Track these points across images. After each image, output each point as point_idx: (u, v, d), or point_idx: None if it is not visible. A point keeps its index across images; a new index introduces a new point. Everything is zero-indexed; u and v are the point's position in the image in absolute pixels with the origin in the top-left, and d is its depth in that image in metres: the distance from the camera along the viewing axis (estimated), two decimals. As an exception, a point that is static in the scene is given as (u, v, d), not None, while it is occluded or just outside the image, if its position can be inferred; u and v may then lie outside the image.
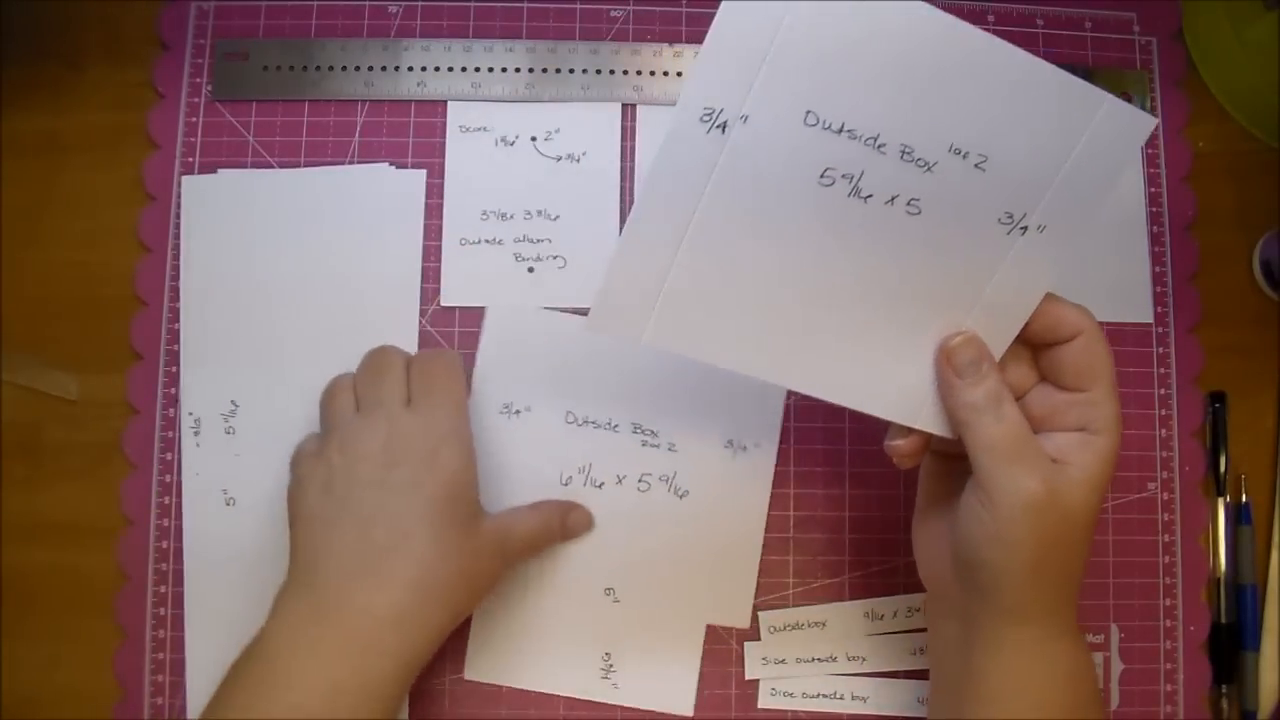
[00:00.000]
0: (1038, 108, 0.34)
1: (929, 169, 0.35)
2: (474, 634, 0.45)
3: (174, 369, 0.46)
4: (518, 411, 0.46)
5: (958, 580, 0.37)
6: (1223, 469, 0.48)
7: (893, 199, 0.35)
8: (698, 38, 0.49)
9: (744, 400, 0.46)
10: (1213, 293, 0.49)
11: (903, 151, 0.34)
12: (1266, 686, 0.47)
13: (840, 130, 0.34)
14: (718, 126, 0.34)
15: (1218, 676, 0.47)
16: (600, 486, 0.46)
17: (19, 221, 0.47)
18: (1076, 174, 0.35)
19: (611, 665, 0.45)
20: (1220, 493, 0.48)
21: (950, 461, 0.39)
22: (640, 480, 0.46)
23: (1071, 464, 0.35)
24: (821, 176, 0.34)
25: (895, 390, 0.37)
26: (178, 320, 0.46)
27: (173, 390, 0.46)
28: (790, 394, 0.47)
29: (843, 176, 0.34)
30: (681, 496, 0.46)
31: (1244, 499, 0.48)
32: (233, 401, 0.46)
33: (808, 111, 0.34)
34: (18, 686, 0.45)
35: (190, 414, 0.46)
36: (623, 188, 0.48)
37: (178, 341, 0.46)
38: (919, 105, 0.34)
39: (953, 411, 0.36)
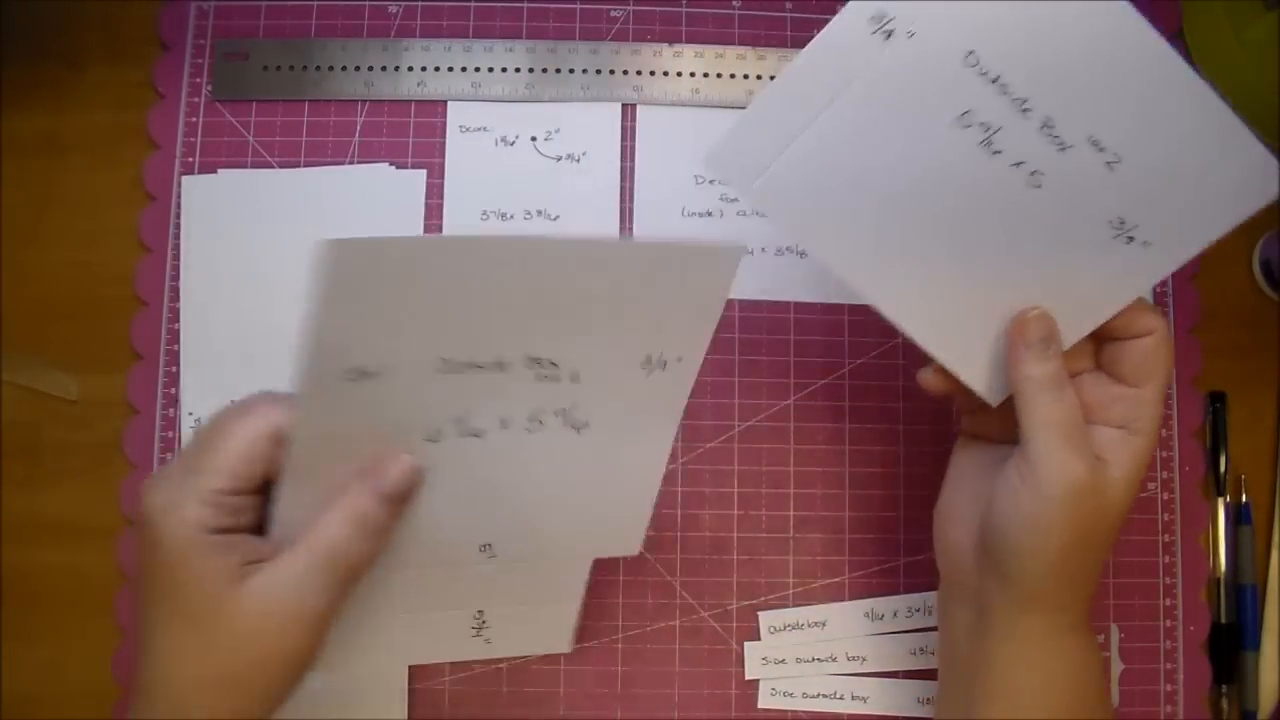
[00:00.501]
0: (1186, 129, 0.35)
1: (1064, 149, 0.35)
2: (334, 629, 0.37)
3: (174, 369, 0.46)
4: (371, 373, 0.34)
5: (978, 565, 0.37)
6: (1223, 469, 0.48)
7: (1019, 164, 0.35)
8: (698, 38, 0.49)
9: (674, 310, 0.35)
10: (1213, 293, 0.49)
11: (1044, 123, 0.35)
12: (1266, 686, 0.47)
13: (995, 80, 0.35)
14: (884, 31, 0.34)
15: (1218, 676, 0.47)
16: (479, 435, 0.36)
17: (19, 221, 0.47)
18: (1199, 204, 0.36)
19: (485, 622, 0.41)
20: (1220, 493, 0.48)
21: (983, 447, 0.39)
22: (530, 419, 0.37)
23: (1111, 461, 0.35)
24: (962, 116, 0.35)
25: (959, 338, 0.38)
26: (178, 320, 0.46)
27: (173, 390, 0.46)
28: (788, 374, 0.47)
29: (980, 124, 0.35)
30: (580, 429, 0.37)
31: (1244, 499, 0.48)
32: (233, 402, 0.46)
33: (970, 51, 0.34)
34: (18, 686, 0.45)
35: (190, 414, 0.46)
36: (622, 188, 0.48)
37: (178, 341, 0.46)
38: (1077, 86, 0.35)
39: (1014, 383, 0.36)
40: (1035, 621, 0.36)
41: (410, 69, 0.48)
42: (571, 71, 0.48)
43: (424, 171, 0.48)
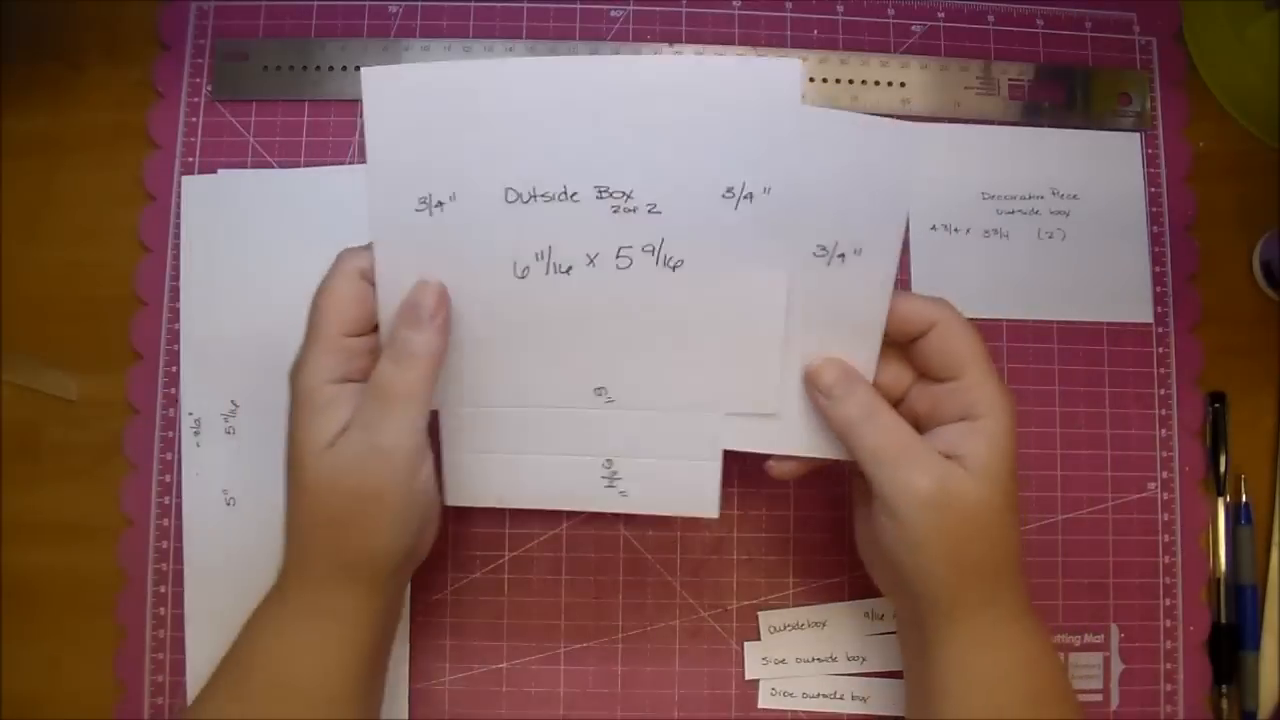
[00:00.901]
0: (814, 144, 0.35)
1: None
2: (446, 460, 0.40)
3: (174, 369, 0.46)
4: (440, 203, 0.35)
5: (898, 585, 0.38)
6: (1223, 469, 0.48)
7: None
8: (698, 38, 0.49)
9: (745, 133, 0.35)
10: (1213, 293, 0.49)
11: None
12: (1266, 686, 0.47)
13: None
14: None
15: (1218, 676, 0.47)
16: (568, 271, 0.36)
17: (19, 221, 0.47)
18: (871, 195, 0.35)
19: (616, 473, 0.40)
20: (1220, 493, 0.48)
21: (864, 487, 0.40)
22: (619, 255, 0.36)
23: (964, 454, 0.36)
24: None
25: (780, 422, 0.38)
26: (178, 320, 0.46)
27: (173, 390, 0.46)
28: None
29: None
30: (674, 268, 0.36)
31: (1244, 499, 0.48)
32: (233, 402, 0.46)
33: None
34: (18, 686, 0.45)
35: (190, 414, 0.46)
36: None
37: (178, 341, 0.46)
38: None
39: (836, 431, 0.37)
40: (967, 626, 0.36)
41: (410, 69, 0.48)
42: (571, 71, 0.48)
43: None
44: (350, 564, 0.36)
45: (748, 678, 0.46)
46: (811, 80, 0.49)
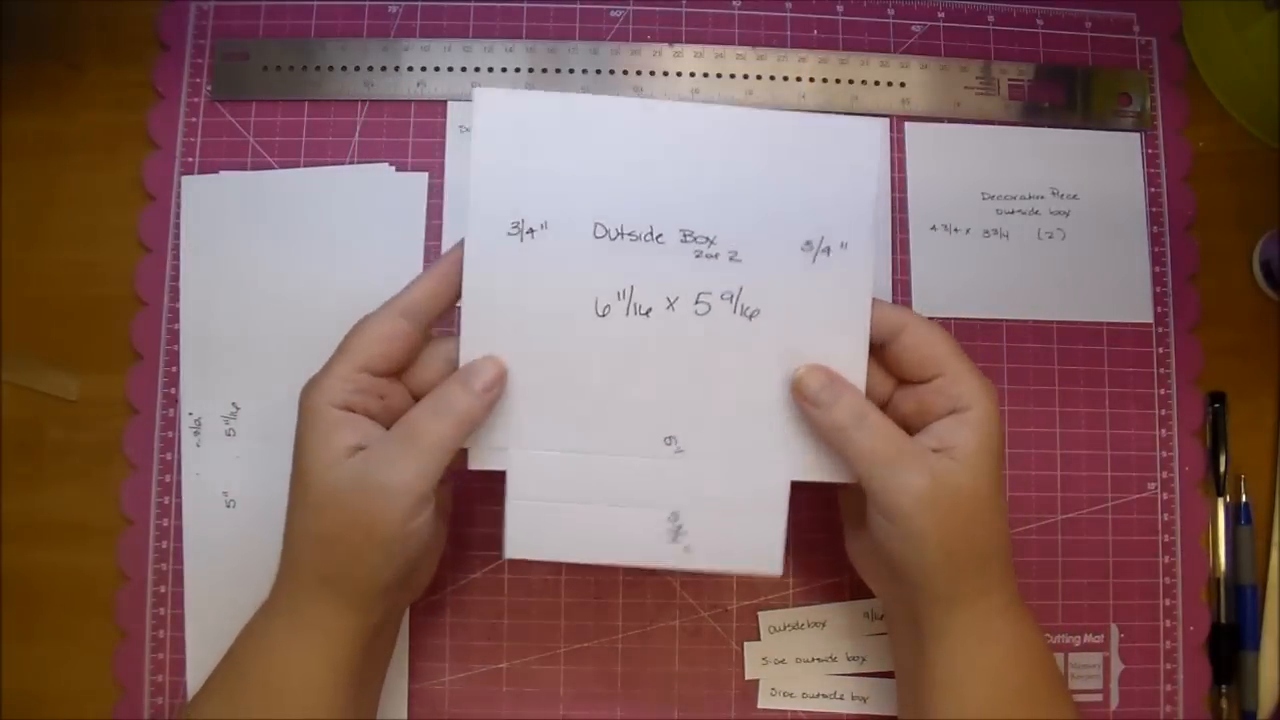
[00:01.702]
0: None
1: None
2: (511, 506, 0.38)
3: (174, 369, 0.46)
4: (531, 230, 0.36)
5: (894, 583, 0.38)
6: (1223, 469, 0.48)
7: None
8: (698, 38, 0.49)
9: (826, 186, 0.37)
10: (1213, 293, 0.49)
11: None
12: (1266, 686, 0.47)
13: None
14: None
15: (1218, 676, 0.47)
16: (647, 314, 0.37)
17: (19, 221, 0.47)
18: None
19: (681, 526, 0.39)
20: (1220, 493, 0.48)
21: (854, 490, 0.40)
22: (698, 301, 0.37)
23: (954, 446, 0.36)
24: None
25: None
26: (178, 320, 0.46)
27: (173, 390, 0.46)
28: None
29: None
30: (751, 317, 0.37)
31: (1244, 499, 0.48)
32: (233, 404, 0.46)
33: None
34: (18, 686, 0.45)
35: (190, 414, 0.46)
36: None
37: (178, 341, 0.46)
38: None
39: (826, 438, 0.37)
40: (962, 616, 0.37)
41: (410, 69, 0.48)
42: (571, 71, 0.48)
43: (426, 175, 0.48)
44: (334, 580, 0.36)
45: (748, 678, 0.46)
46: (811, 80, 0.49)
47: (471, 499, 0.46)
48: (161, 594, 0.45)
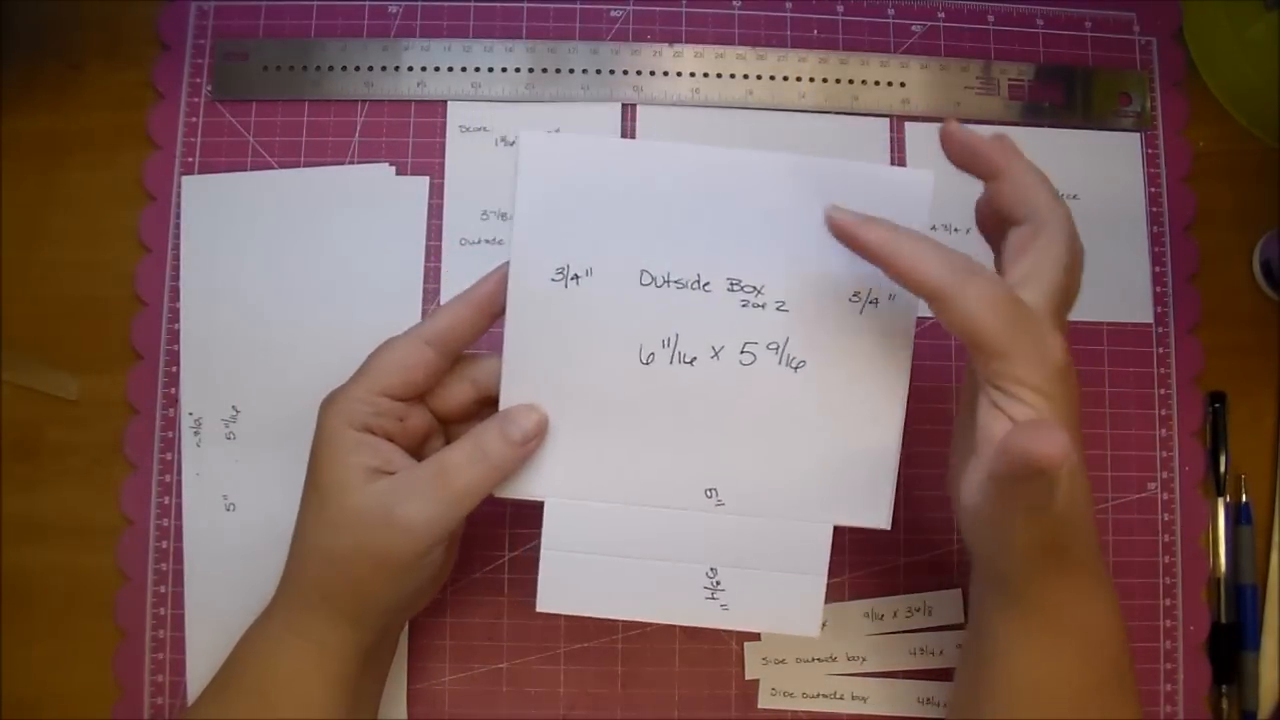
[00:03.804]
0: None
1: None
2: (545, 557, 0.38)
3: (174, 369, 0.46)
4: (576, 276, 0.36)
5: (1002, 523, 0.34)
6: (1223, 469, 0.48)
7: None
8: (698, 38, 0.49)
9: None
10: (1213, 293, 0.49)
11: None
12: (1266, 686, 0.47)
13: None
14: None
15: (1218, 676, 0.47)
16: (692, 363, 0.37)
17: (19, 221, 0.47)
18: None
19: (719, 583, 0.38)
20: (1220, 493, 0.48)
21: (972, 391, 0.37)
22: (743, 351, 0.37)
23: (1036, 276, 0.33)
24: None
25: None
26: (178, 320, 0.46)
27: (173, 390, 0.46)
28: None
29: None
30: (796, 368, 0.37)
31: (1244, 499, 0.48)
32: (234, 407, 0.46)
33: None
34: (18, 686, 0.45)
35: (190, 414, 0.46)
36: (623, 188, 0.48)
37: (178, 341, 0.46)
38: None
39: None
40: (1044, 599, 0.35)
41: (410, 69, 0.48)
42: (571, 71, 0.48)
43: (426, 178, 0.48)
44: (336, 598, 0.36)
45: (748, 678, 0.46)
46: (811, 80, 0.49)
47: (471, 499, 0.46)
48: (161, 594, 0.45)
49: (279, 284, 0.47)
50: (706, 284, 0.36)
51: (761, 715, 0.46)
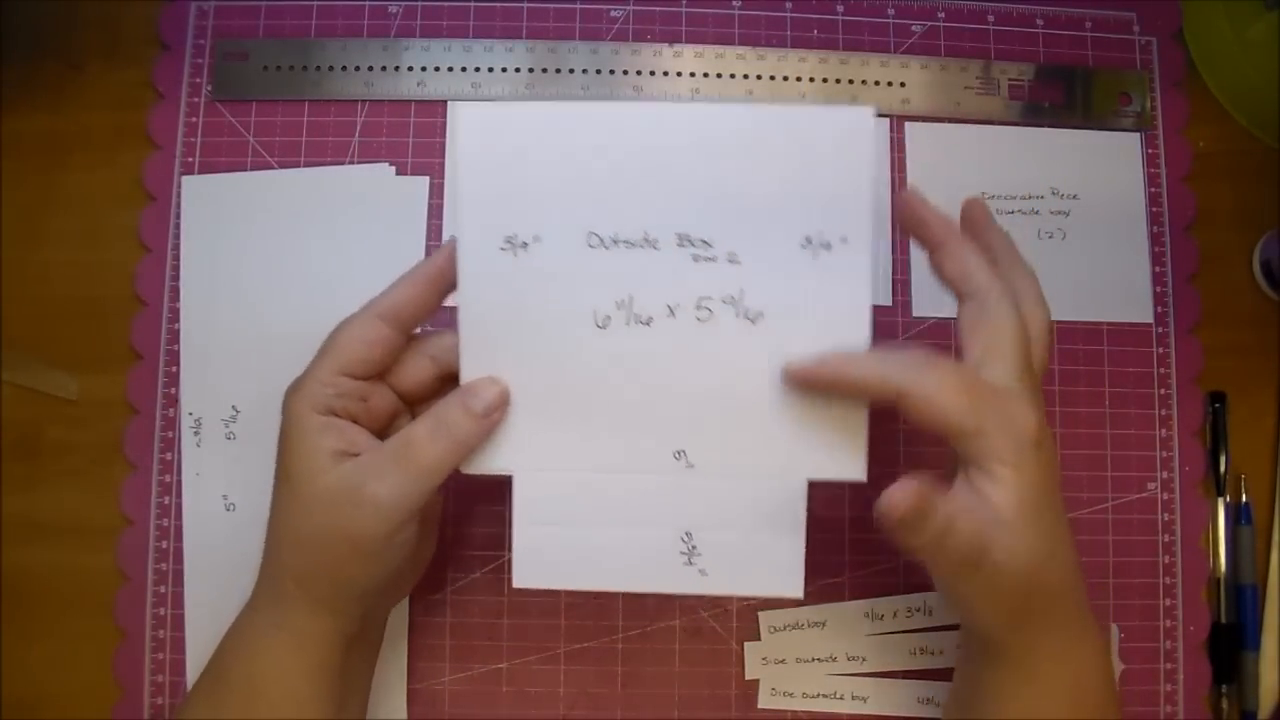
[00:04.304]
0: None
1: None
2: (517, 532, 0.37)
3: (174, 369, 0.46)
4: (524, 244, 0.36)
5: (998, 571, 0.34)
6: (1223, 469, 0.48)
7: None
8: (698, 38, 0.49)
9: (819, 183, 0.35)
10: (1213, 293, 0.49)
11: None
12: (1266, 686, 0.47)
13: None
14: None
15: (1218, 676, 0.47)
16: (648, 323, 0.36)
17: (19, 221, 0.47)
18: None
19: (695, 547, 0.37)
20: (1220, 493, 0.48)
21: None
22: (699, 307, 0.36)
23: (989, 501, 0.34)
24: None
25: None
26: (178, 320, 0.46)
27: (173, 390, 0.46)
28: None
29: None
30: (754, 320, 0.36)
31: (1244, 499, 0.48)
32: (234, 407, 0.46)
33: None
34: (18, 686, 0.45)
35: (190, 414, 0.46)
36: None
37: (178, 341, 0.46)
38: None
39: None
40: (1032, 651, 0.35)
41: (410, 69, 0.48)
42: (571, 71, 0.48)
43: (427, 178, 0.48)
44: (311, 584, 0.36)
45: (748, 678, 0.46)
46: (811, 80, 0.49)
47: (472, 499, 0.46)
48: (161, 594, 0.45)
49: (279, 284, 0.47)
50: (656, 241, 0.36)
51: (761, 715, 0.46)
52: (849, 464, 0.37)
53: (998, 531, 0.33)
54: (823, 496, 0.46)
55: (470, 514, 0.46)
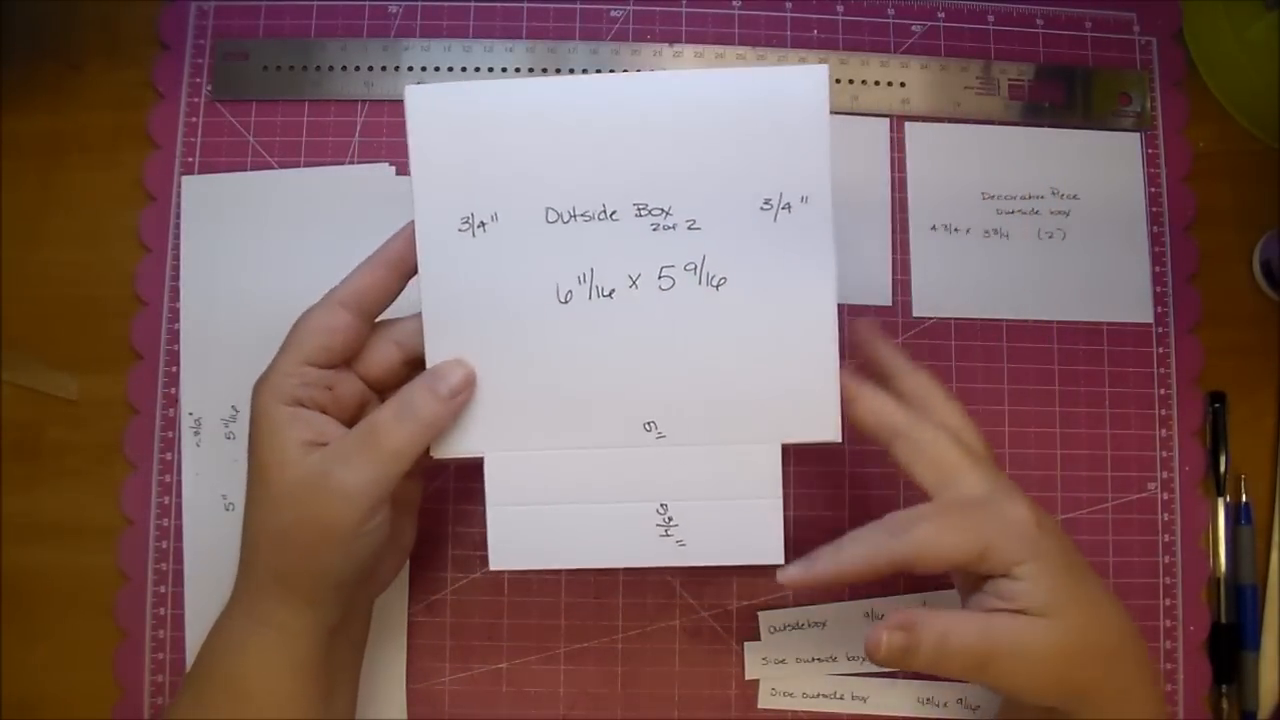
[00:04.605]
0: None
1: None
2: (491, 514, 0.37)
3: (174, 369, 0.46)
4: (482, 224, 0.36)
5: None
6: (1223, 469, 0.48)
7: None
8: (698, 38, 0.49)
9: (776, 144, 0.35)
10: (1213, 293, 0.49)
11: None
12: (1266, 686, 0.47)
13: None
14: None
15: (1218, 676, 0.47)
16: (611, 295, 0.36)
17: (19, 221, 0.47)
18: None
19: (671, 519, 0.37)
20: (1220, 493, 0.48)
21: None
22: (661, 276, 0.36)
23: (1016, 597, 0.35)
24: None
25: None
26: (178, 320, 0.46)
27: (173, 390, 0.46)
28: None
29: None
30: (718, 286, 0.36)
31: (1244, 499, 0.48)
32: (233, 407, 0.46)
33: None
34: (18, 686, 0.45)
35: (190, 414, 0.46)
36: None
37: (178, 341, 0.46)
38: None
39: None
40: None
41: (410, 69, 0.48)
42: (571, 71, 0.48)
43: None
44: (288, 577, 0.36)
45: (748, 678, 0.46)
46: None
47: (471, 499, 0.46)
48: (161, 594, 0.45)
49: (279, 284, 0.47)
50: (614, 213, 0.36)
51: (761, 715, 0.46)
52: (822, 425, 0.36)
53: (1010, 625, 0.34)
54: (823, 497, 0.47)
55: (470, 514, 0.46)
